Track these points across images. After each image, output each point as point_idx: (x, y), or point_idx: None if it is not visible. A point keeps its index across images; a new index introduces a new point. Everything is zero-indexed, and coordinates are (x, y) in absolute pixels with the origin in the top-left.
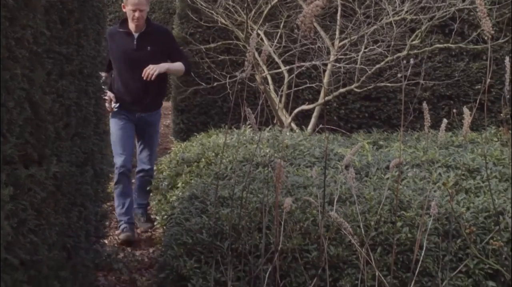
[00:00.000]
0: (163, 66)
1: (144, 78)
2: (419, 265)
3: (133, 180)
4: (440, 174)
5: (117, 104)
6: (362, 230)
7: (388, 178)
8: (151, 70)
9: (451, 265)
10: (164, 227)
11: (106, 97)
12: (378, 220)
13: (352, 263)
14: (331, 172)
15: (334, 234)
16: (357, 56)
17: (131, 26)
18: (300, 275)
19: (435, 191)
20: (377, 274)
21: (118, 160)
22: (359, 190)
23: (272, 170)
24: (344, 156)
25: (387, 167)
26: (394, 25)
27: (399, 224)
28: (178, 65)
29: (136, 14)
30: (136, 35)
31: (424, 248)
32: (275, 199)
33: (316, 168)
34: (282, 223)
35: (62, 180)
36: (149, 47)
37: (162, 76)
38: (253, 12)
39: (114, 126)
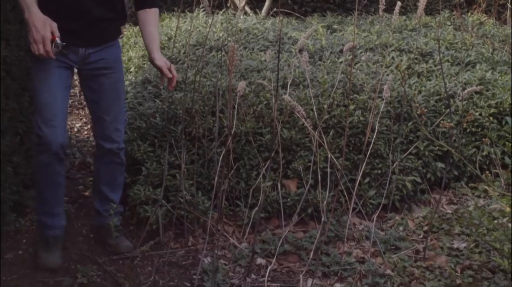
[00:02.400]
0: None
1: (170, 88)
2: (370, 147)
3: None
4: (393, 57)
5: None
6: (315, 113)
7: (341, 62)
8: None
9: (402, 147)
10: None
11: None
12: (331, 104)
13: (305, 145)
14: (285, 56)
15: (288, 117)
16: None
17: None
18: (254, 157)
19: (387, 75)
20: (329, 156)
21: (42, 132)
22: (312, 73)
23: (226, 53)
24: (298, 39)
25: (341, 51)
26: None
27: (351, 107)
28: (156, 23)
29: None
30: None
31: (376, 131)
32: (229, 83)
33: (270, 52)
34: (236, 106)
35: (12, 64)
36: None
37: None
38: None
39: (38, 76)
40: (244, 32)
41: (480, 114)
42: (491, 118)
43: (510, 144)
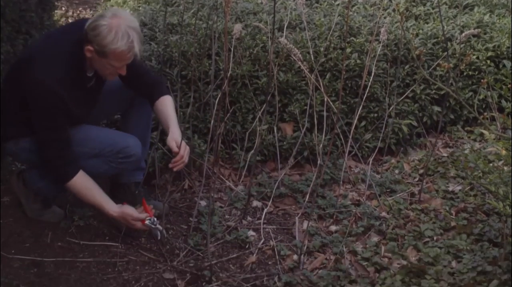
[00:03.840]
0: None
1: (174, 169)
2: (367, 91)
3: None
4: (390, 0)
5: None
6: (312, 56)
7: (338, 4)
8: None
9: (398, 90)
10: None
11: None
12: (328, 46)
13: (301, 89)
14: None
15: (284, 60)
16: None
17: (102, 74)
18: (250, 101)
19: (385, 18)
20: (325, 99)
21: (132, 149)
22: (309, 16)
23: None
24: None
25: None
26: None
27: (348, 50)
28: (172, 108)
29: (124, 69)
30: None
31: (373, 74)
32: (224, 26)
33: None
34: (232, 49)
35: (5, 7)
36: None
37: None
38: None
39: (78, 136)
40: None
41: (478, 58)
42: (488, 61)
43: (507, 88)
